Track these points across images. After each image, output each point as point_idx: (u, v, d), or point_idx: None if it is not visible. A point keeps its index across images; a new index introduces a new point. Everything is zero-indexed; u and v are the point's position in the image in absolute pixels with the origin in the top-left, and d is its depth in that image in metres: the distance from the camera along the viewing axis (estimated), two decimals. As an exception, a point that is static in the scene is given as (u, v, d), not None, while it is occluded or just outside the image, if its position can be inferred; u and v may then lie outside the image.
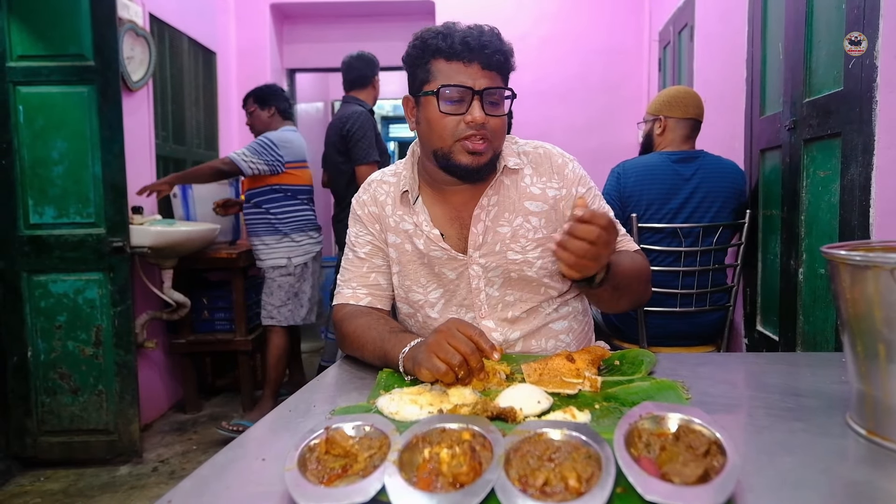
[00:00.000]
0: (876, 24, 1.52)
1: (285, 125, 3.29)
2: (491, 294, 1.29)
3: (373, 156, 3.12)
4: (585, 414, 0.85)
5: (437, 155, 1.22)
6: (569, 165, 1.32)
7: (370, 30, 5.07)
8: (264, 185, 3.12)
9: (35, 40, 2.60)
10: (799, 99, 1.97)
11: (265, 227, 3.16)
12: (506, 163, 1.28)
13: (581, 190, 1.31)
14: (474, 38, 1.15)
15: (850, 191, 1.65)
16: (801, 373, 1.07)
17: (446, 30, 1.17)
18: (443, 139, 1.19)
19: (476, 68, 1.16)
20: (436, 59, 1.18)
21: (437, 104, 1.17)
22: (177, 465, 2.77)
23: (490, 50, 1.15)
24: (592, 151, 4.30)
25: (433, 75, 1.18)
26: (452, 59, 1.16)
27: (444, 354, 0.96)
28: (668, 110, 2.34)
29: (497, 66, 1.17)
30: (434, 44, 1.17)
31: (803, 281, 1.98)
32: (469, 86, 1.15)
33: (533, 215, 1.28)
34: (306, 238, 3.23)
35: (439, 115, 1.17)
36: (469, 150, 1.18)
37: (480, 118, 1.15)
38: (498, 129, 1.20)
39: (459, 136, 1.18)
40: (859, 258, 0.74)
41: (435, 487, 0.63)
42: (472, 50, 1.15)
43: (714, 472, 0.61)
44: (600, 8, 4.57)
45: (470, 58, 1.15)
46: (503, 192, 1.29)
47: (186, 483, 0.71)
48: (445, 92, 1.16)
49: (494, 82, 1.17)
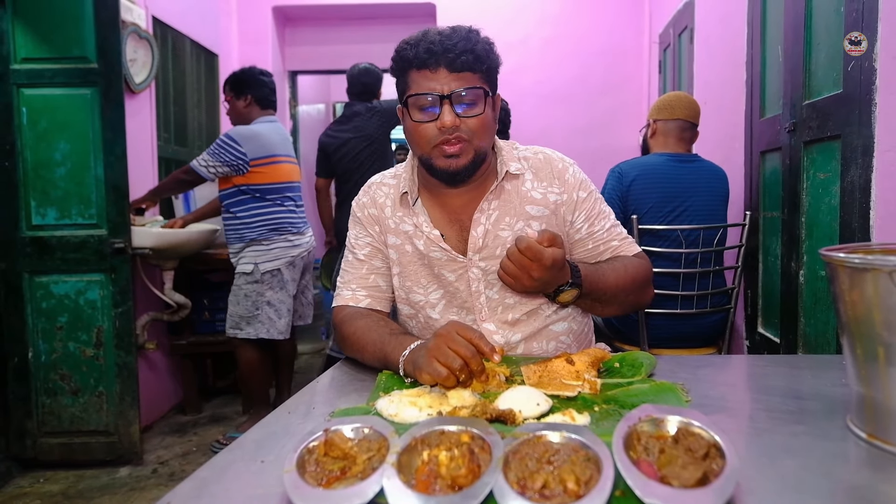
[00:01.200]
0: (874, 26, 1.52)
1: (264, 115, 3.00)
2: (491, 296, 1.29)
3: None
4: (585, 416, 0.85)
5: (422, 161, 1.24)
6: (569, 170, 1.32)
7: (371, 32, 5.08)
8: (230, 186, 2.87)
9: (39, 43, 2.61)
10: (799, 101, 1.97)
11: (231, 231, 2.92)
12: (507, 168, 1.28)
13: (582, 194, 1.31)
14: (438, 43, 1.14)
15: (850, 193, 1.65)
16: (801, 375, 1.07)
17: (416, 40, 1.17)
18: (421, 146, 1.20)
19: (443, 73, 1.15)
20: (409, 69, 1.18)
21: (409, 115, 1.18)
22: (177, 466, 2.77)
23: (455, 52, 1.14)
24: (593, 153, 4.31)
25: (408, 86, 1.19)
26: (421, 67, 1.16)
27: (445, 358, 0.95)
28: (657, 113, 2.40)
29: (467, 67, 1.15)
30: (406, 55, 1.17)
31: (804, 283, 1.98)
32: (436, 91, 1.15)
33: (534, 220, 1.28)
34: (280, 242, 2.91)
35: (413, 124, 1.18)
36: (445, 155, 1.18)
37: (450, 122, 1.15)
38: (476, 128, 1.18)
39: (435, 141, 1.18)
40: (858, 261, 0.74)
41: (433, 490, 0.63)
42: (437, 55, 1.14)
43: (713, 474, 0.61)
44: (601, 10, 4.58)
45: (436, 64, 1.15)
46: (504, 197, 1.29)
47: (186, 485, 0.71)
48: (414, 100, 1.17)
49: (465, 83, 1.16)
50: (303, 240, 3.03)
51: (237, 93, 2.97)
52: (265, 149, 2.85)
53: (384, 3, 4.75)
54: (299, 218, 3.03)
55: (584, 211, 1.31)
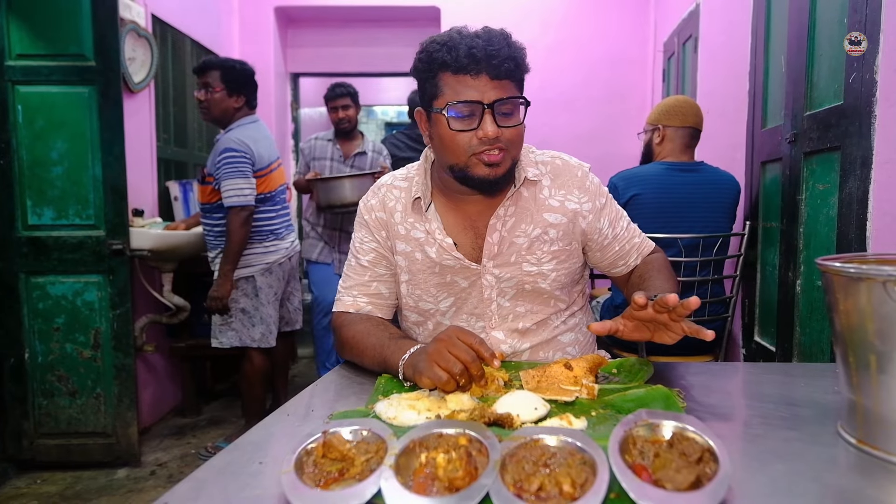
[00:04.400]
0: (877, 38, 1.53)
1: (248, 117, 2.80)
2: (502, 304, 1.28)
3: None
4: (582, 421, 0.85)
5: (453, 169, 1.19)
6: (588, 177, 1.32)
7: (375, 35, 5.09)
8: (218, 199, 2.71)
9: (35, 39, 2.60)
10: (800, 112, 1.98)
11: (210, 237, 2.82)
12: (525, 174, 1.26)
13: (602, 200, 1.31)
14: (480, 48, 1.08)
15: (847, 204, 1.66)
16: (795, 383, 1.08)
17: (451, 41, 1.11)
18: (457, 155, 1.15)
19: (485, 80, 1.10)
20: (442, 72, 1.12)
21: (446, 122, 1.13)
22: (175, 469, 2.77)
23: (499, 59, 1.09)
24: (595, 160, 4.27)
25: (441, 90, 1.13)
26: (459, 72, 1.10)
27: (446, 363, 0.95)
28: (667, 119, 2.35)
29: (507, 74, 1.11)
30: (439, 57, 1.11)
31: (801, 293, 1.99)
32: (478, 100, 1.10)
33: (552, 227, 1.27)
34: (256, 248, 2.78)
35: (450, 132, 1.13)
36: (486, 163, 1.14)
37: (493, 132, 1.11)
38: (514, 138, 1.15)
39: (473, 151, 1.13)
40: (853, 270, 0.75)
41: (431, 492, 0.64)
42: (479, 61, 1.08)
43: (706, 478, 0.62)
44: (606, 17, 4.60)
45: (477, 70, 1.09)
46: (521, 204, 1.27)
47: (183, 486, 0.72)
48: (454, 109, 1.11)
49: (506, 91, 1.12)
50: (282, 245, 2.88)
51: (232, 90, 2.74)
52: (262, 160, 2.76)
53: (388, 6, 4.75)
54: (282, 222, 2.90)
55: (607, 216, 1.31)
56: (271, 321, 2.85)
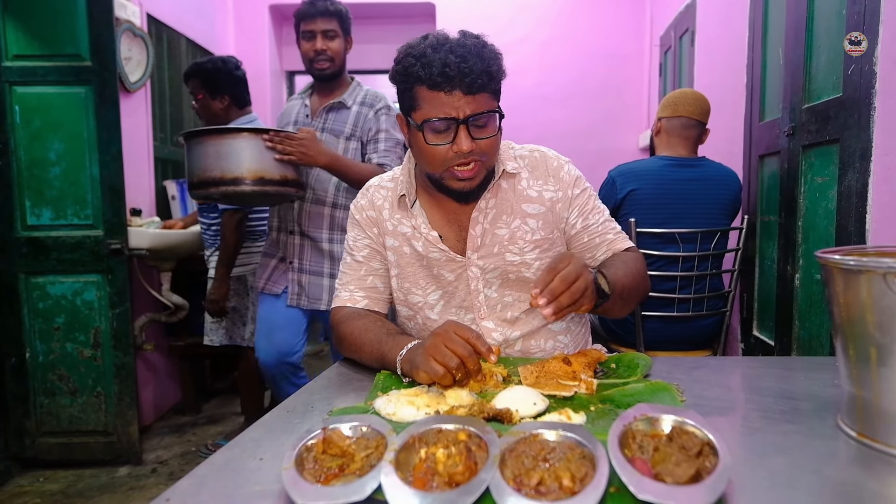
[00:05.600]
0: (876, 29, 1.53)
1: (243, 114, 2.73)
2: (489, 295, 1.31)
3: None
4: (581, 416, 0.86)
5: (430, 177, 1.25)
6: (564, 168, 1.34)
7: (370, 32, 5.07)
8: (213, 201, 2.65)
9: (31, 39, 2.60)
10: (798, 105, 1.98)
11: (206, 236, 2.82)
12: (504, 167, 1.30)
13: (576, 191, 1.33)
14: (453, 65, 1.09)
15: (847, 197, 1.66)
16: (795, 377, 1.08)
17: (425, 57, 1.12)
18: (433, 166, 1.20)
19: (458, 95, 1.12)
20: (418, 86, 1.14)
21: (422, 137, 1.16)
22: (176, 466, 2.77)
23: (472, 76, 1.10)
24: (592, 155, 4.31)
25: (417, 103, 1.16)
26: (433, 88, 1.12)
27: (442, 358, 0.97)
28: (662, 111, 2.36)
29: (481, 88, 1.13)
30: (414, 72, 1.13)
31: (799, 286, 1.99)
32: (452, 116, 1.13)
33: (531, 217, 1.30)
34: (249, 248, 2.78)
35: (428, 147, 1.17)
36: (459, 178, 1.19)
37: (467, 147, 1.14)
38: (489, 149, 1.18)
39: (449, 164, 1.17)
40: (853, 262, 0.75)
41: (431, 486, 0.64)
42: (452, 79, 1.10)
43: (706, 472, 0.62)
44: (601, 12, 4.57)
45: (451, 87, 1.11)
46: (501, 196, 1.30)
47: (184, 482, 0.72)
48: (429, 125, 1.14)
49: (480, 106, 1.14)
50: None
51: (212, 93, 2.64)
52: None
53: (383, 3, 4.73)
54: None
55: (578, 207, 1.33)
56: None
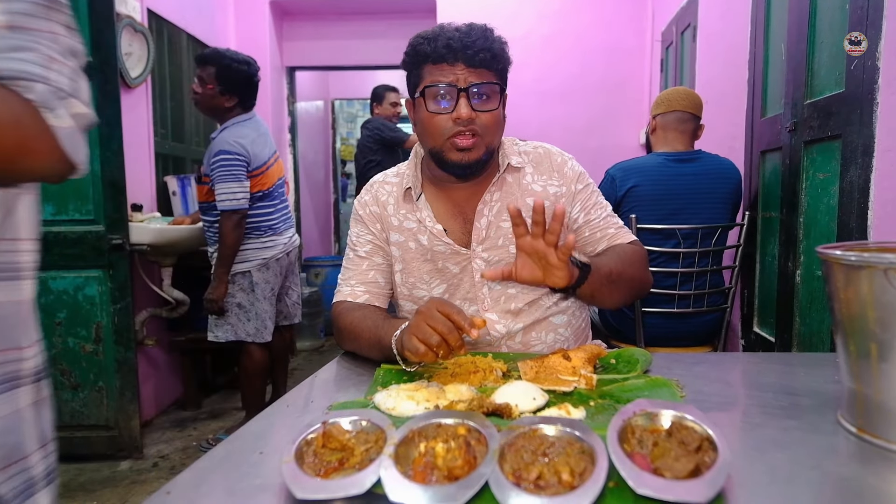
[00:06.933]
0: (879, 24, 1.52)
1: (241, 117, 2.74)
2: (493, 287, 1.33)
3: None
4: (580, 411, 0.86)
5: (433, 154, 1.27)
6: (568, 163, 1.37)
7: (371, 27, 5.08)
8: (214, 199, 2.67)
9: (30, 33, 2.59)
10: (800, 100, 1.97)
11: (210, 233, 2.81)
12: (509, 160, 1.32)
13: (579, 186, 1.35)
14: (457, 39, 1.18)
15: (848, 193, 1.66)
16: (795, 372, 1.08)
17: (433, 35, 1.21)
18: (434, 138, 1.23)
19: (461, 67, 1.19)
20: (424, 63, 1.22)
21: (425, 105, 1.22)
22: (177, 460, 2.78)
23: (474, 49, 1.17)
24: (593, 151, 4.30)
25: (423, 79, 1.23)
26: (438, 61, 1.20)
27: (423, 335, 0.98)
28: (656, 108, 2.39)
29: (484, 64, 1.19)
30: (422, 49, 1.21)
31: (800, 283, 1.99)
32: (453, 83, 1.19)
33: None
34: (253, 244, 2.77)
35: (428, 114, 1.22)
36: (458, 148, 1.21)
37: (466, 114, 1.18)
38: (489, 124, 1.22)
39: (449, 133, 1.21)
40: (854, 258, 0.75)
41: (430, 480, 0.64)
42: (456, 51, 1.18)
43: (705, 467, 0.62)
44: (602, 7, 4.55)
45: (454, 58, 1.18)
46: (506, 189, 1.33)
47: (185, 475, 0.72)
48: (431, 90, 1.20)
49: (482, 79, 1.20)
50: (280, 240, 2.84)
51: (225, 89, 2.68)
52: (257, 159, 2.71)
53: (384, -1, 4.75)
54: (279, 218, 2.86)
55: (581, 201, 1.35)
56: (266, 316, 2.83)
